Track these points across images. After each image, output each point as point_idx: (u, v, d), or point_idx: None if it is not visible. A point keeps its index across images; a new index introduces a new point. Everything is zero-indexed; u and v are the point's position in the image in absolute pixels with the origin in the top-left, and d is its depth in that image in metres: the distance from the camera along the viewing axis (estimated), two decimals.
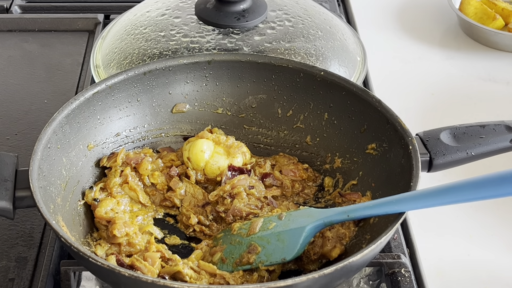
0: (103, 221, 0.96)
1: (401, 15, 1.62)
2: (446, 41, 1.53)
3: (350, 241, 0.93)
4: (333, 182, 1.04)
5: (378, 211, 0.87)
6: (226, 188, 1.00)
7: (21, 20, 1.52)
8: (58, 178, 0.94)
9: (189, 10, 1.22)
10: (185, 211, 1.00)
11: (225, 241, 0.94)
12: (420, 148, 0.94)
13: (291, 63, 1.07)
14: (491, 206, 1.11)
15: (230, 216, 0.97)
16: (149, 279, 0.76)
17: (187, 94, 1.11)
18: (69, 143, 0.98)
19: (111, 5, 1.58)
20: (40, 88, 1.36)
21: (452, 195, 0.83)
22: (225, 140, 1.05)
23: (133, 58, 1.16)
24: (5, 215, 0.89)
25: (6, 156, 0.92)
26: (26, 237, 1.04)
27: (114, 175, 1.01)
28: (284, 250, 0.89)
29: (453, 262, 1.03)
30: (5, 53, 1.45)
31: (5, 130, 1.25)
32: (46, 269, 0.97)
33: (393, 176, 0.94)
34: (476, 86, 1.39)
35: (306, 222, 0.89)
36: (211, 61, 1.09)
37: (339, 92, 1.04)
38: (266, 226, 0.92)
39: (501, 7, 1.50)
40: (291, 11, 1.24)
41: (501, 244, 1.06)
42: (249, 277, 0.89)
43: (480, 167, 0.99)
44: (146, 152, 1.06)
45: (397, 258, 0.97)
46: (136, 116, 1.08)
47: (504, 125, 0.98)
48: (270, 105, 1.10)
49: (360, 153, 1.02)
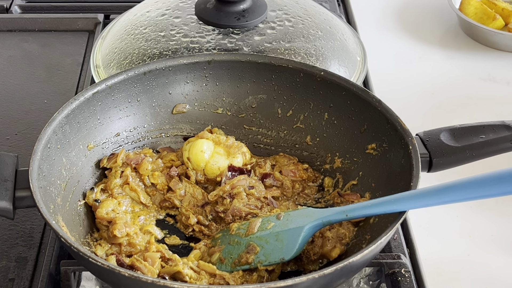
0: (104, 222, 0.96)
1: (401, 15, 1.62)
2: (446, 41, 1.53)
3: (350, 241, 0.93)
4: (333, 182, 1.04)
5: (376, 210, 0.87)
6: (226, 188, 1.00)
7: (21, 20, 1.52)
8: (58, 178, 0.94)
9: (189, 10, 1.22)
10: (185, 211, 1.00)
11: (224, 241, 0.94)
12: (420, 148, 0.94)
13: (291, 63, 1.07)
14: (491, 206, 1.11)
15: (230, 216, 0.97)
16: (149, 279, 0.76)
17: (187, 94, 1.11)
18: (69, 143, 0.98)
19: (111, 5, 1.58)
20: (40, 88, 1.36)
21: (450, 194, 0.83)
22: (225, 140, 1.05)
23: (133, 58, 1.16)
24: (5, 215, 0.89)
25: (6, 156, 0.92)
26: (26, 237, 1.04)
27: (115, 176, 1.01)
28: (283, 250, 0.89)
29: (453, 262, 1.02)
30: (5, 53, 1.45)
31: (5, 130, 1.25)
32: (46, 269, 0.97)
33: (393, 176, 0.94)
34: (476, 86, 1.39)
35: (304, 222, 0.89)
36: (211, 61, 1.09)
37: (339, 92, 1.04)
38: (264, 226, 0.92)
39: (501, 7, 1.50)
40: (291, 11, 1.24)
41: (501, 244, 1.05)
42: (249, 277, 0.89)
43: (480, 167, 0.98)
44: (146, 152, 1.06)
45: (397, 258, 0.97)
46: (136, 116, 1.08)
47: (504, 125, 0.98)
48: (270, 105, 1.10)
49: (360, 153, 1.02)
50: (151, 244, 0.93)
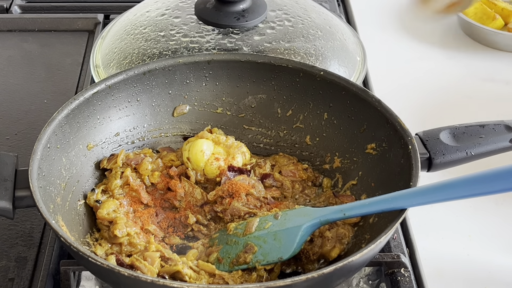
0: (105, 222, 0.96)
1: (401, 15, 1.62)
2: (446, 41, 1.53)
3: (349, 241, 0.93)
4: (331, 182, 1.04)
5: (374, 208, 0.87)
6: (225, 188, 1.00)
7: (21, 20, 1.52)
8: (58, 178, 0.94)
9: (189, 10, 1.22)
10: (184, 210, 1.00)
11: (221, 241, 0.94)
12: (420, 147, 0.94)
13: (290, 63, 1.07)
14: (490, 206, 1.11)
15: (228, 215, 0.97)
16: (149, 279, 0.76)
17: (186, 94, 1.11)
18: (68, 143, 0.98)
19: (111, 5, 1.58)
20: (40, 88, 1.36)
21: (448, 192, 0.83)
22: (225, 140, 1.05)
23: (133, 58, 1.16)
24: (5, 214, 0.89)
25: (6, 156, 0.92)
26: (26, 237, 1.04)
27: (115, 177, 1.01)
28: (281, 249, 0.89)
29: (453, 262, 1.02)
30: (5, 53, 1.45)
31: (5, 130, 1.25)
32: (46, 269, 0.97)
33: (392, 176, 0.94)
34: (476, 86, 1.39)
35: (302, 221, 0.89)
36: (210, 61, 1.09)
37: (338, 92, 1.04)
38: (262, 225, 0.92)
39: (501, 7, 1.50)
40: (291, 11, 1.24)
41: (501, 244, 1.05)
42: (248, 277, 0.89)
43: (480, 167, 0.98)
44: (146, 152, 1.06)
45: (396, 258, 0.97)
46: (136, 116, 1.08)
47: (504, 125, 0.98)
48: (270, 105, 1.10)
49: (359, 153, 1.02)
50: (151, 243, 0.93)
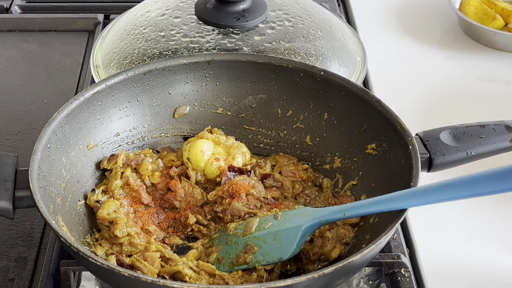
0: (105, 222, 0.96)
1: (401, 15, 1.62)
2: (446, 41, 1.53)
3: (350, 241, 0.93)
4: (331, 183, 1.04)
5: (374, 209, 0.87)
6: (225, 188, 1.00)
7: (21, 20, 1.52)
8: (58, 178, 0.94)
9: (189, 10, 1.22)
10: (184, 210, 1.00)
11: (221, 242, 0.94)
12: (420, 148, 0.94)
13: (291, 63, 1.07)
14: (491, 206, 1.11)
15: (228, 215, 0.97)
16: (149, 279, 0.76)
17: (187, 94, 1.11)
18: (68, 143, 0.98)
19: (111, 5, 1.58)
20: (40, 88, 1.36)
21: (448, 192, 0.83)
22: (225, 140, 1.05)
23: (133, 58, 1.16)
24: (5, 215, 0.89)
25: (6, 156, 0.92)
26: (26, 237, 1.04)
27: (115, 178, 1.01)
28: (281, 250, 0.89)
29: (453, 262, 1.02)
30: (5, 53, 1.45)
31: (5, 130, 1.25)
32: (46, 269, 0.97)
33: (393, 176, 0.94)
34: (476, 86, 1.39)
35: (302, 221, 0.89)
36: (211, 61, 1.09)
37: (339, 92, 1.04)
38: (262, 225, 0.92)
39: (501, 7, 1.50)
40: (291, 11, 1.24)
41: (501, 244, 1.06)
42: (248, 277, 0.89)
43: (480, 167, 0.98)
44: (146, 152, 1.06)
45: (397, 258, 0.97)
46: (136, 116, 1.08)
47: (504, 125, 0.98)
48: (270, 105, 1.10)
49: (360, 153, 1.02)
50: (151, 244, 0.93)
